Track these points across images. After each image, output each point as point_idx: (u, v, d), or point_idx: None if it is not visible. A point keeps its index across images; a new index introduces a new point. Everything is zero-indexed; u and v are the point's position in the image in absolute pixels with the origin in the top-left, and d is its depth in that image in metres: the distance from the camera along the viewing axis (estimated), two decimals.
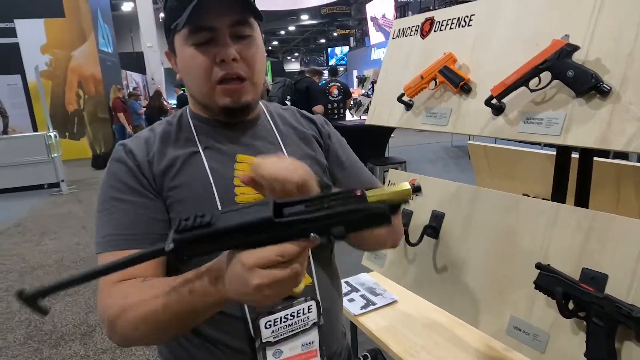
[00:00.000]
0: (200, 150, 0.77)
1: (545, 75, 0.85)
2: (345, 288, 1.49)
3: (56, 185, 6.29)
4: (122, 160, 0.74)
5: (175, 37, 0.74)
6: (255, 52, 0.74)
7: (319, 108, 4.38)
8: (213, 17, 0.69)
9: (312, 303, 0.75)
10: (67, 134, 9.47)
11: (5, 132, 8.99)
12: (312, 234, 0.49)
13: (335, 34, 26.99)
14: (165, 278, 0.65)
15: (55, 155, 6.23)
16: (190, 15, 0.67)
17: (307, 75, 4.78)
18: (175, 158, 0.75)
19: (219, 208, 0.72)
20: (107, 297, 0.66)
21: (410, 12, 15.22)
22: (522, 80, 0.87)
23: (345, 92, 5.84)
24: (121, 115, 7.91)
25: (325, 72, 8.22)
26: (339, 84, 5.77)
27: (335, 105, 5.66)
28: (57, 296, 2.95)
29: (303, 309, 0.74)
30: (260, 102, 0.86)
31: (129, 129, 8.24)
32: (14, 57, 8.90)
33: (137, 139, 0.78)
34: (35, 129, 9.00)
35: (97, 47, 9.55)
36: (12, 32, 9.02)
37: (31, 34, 8.99)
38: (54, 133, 6.29)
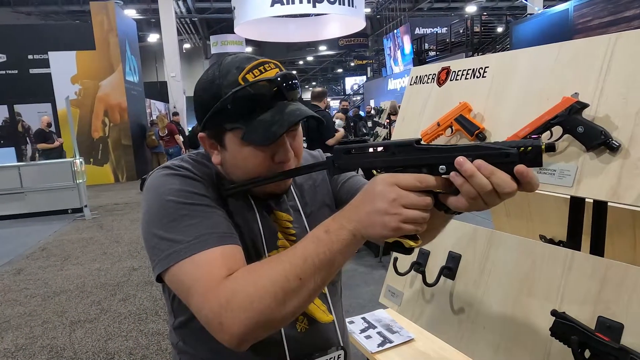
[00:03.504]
0: (253, 204, 0.78)
1: (557, 130, 0.90)
2: (362, 324, 1.51)
3: (79, 210, 6.48)
4: (190, 177, 0.71)
5: (227, 133, 0.71)
6: (300, 142, 0.77)
7: (332, 141, 4.29)
8: None
9: (342, 352, 0.80)
10: (91, 160, 9.79)
11: (33, 158, 9.36)
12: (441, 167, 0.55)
13: (352, 64, 27.54)
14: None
15: (80, 181, 6.45)
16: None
17: (313, 103, 4.44)
18: (225, 198, 0.74)
19: (266, 252, 0.75)
20: (223, 284, 0.60)
21: (426, 44, 15.48)
22: (535, 133, 0.92)
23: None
24: (178, 137, 8.19)
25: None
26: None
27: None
28: (77, 323, 3.01)
29: (334, 357, 0.78)
30: None
31: (184, 151, 8.49)
32: (45, 87, 9.37)
33: (189, 163, 0.74)
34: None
35: (123, 78, 9.98)
36: (45, 63, 9.53)
37: (63, 65, 9.49)
38: (80, 160, 6.53)
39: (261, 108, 0.68)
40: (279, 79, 0.68)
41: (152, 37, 18.33)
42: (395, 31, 17.24)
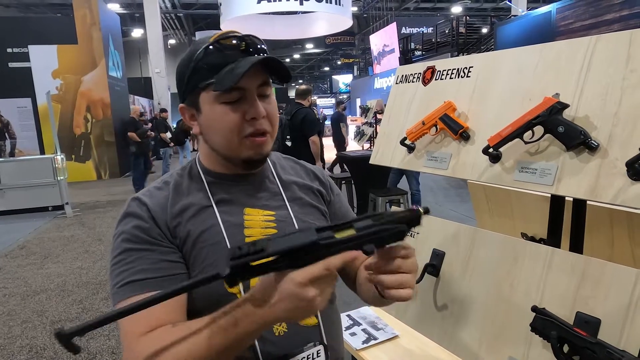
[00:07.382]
0: (213, 204, 0.80)
1: (538, 129, 0.91)
2: (347, 321, 1.52)
3: (60, 207, 6.35)
4: (136, 215, 0.76)
5: (201, 94, 0.76)
6: (275, 109, 0.81)
7: (314, 138, 4.30)
8: (246, 79, 0.73)
9: (321, 347, 0.79)
10: (73, 156, 9.60)
11: (12, 154, 9.12)
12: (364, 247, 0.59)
13: (339, 63, 27.56)
14: (198, 318, 0.65)
15: (62, 178, 6.31)
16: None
17: (297, 101, 4.49)
18: (189, 210, 0.78)
19: None
20: (137, 345, 0.66)
21: (412, 44, 15.58)
22: (517, 132, 0.94)
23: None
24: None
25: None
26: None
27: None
28: (58, 323, 2.96)
29: (312, 354, 0.77)
30: None
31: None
32: (25, 81, 9.13)
33: (149, 192, 0.81)
34: (42, 151, 9.12)
35: (106, 73, 9.79)
36: (25, 57, 9.28)
37: (44, 59, 9.25)
38: (62, 156, 6.39)
39: (229, 62, 0.74)
40: (245, 37, 0.76)
41: (137, 32, 18.03)
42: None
